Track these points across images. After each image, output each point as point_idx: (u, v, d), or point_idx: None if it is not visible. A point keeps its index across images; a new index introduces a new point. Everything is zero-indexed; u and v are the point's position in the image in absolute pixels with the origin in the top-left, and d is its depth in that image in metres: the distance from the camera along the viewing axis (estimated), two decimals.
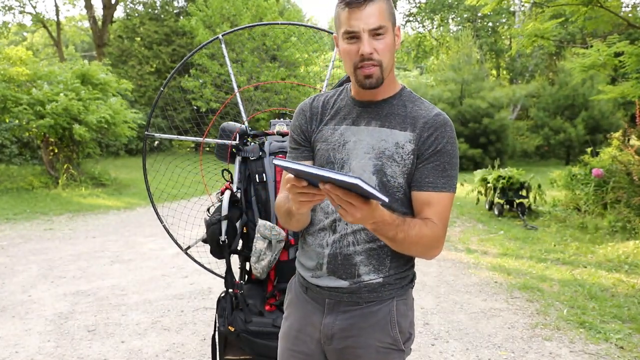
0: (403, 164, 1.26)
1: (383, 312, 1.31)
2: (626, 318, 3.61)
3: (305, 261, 1.37)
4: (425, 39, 27.83)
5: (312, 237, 1.35)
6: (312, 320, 1.36)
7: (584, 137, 17.85)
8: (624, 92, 6.50)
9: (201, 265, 2.54)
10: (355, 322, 1.31)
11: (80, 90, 10.62)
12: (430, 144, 1.26)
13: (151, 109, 2.55)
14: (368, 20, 1.19)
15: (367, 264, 1.29)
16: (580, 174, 7.73)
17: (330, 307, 1.33)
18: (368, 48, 1.20)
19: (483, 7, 6.36)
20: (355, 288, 1.29)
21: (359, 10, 1.18)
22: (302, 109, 1.41)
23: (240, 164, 2.23)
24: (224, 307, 1.98)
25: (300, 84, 8.05)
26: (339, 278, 1.30)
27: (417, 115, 1.29)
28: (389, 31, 1.23)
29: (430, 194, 1.25)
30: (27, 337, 3.37)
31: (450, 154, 1.27)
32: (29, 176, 11.29)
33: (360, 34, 1.20)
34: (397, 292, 1.33)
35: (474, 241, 6.43)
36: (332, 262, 1.31)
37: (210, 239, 2.04)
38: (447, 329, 3.50)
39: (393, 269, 1.31)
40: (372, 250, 1.29)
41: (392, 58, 1.26)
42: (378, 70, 1.23)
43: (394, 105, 1.31)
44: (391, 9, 1.25)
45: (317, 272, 1.33)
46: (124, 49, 22.86)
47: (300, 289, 1.41)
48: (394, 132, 1.27)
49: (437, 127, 1.27)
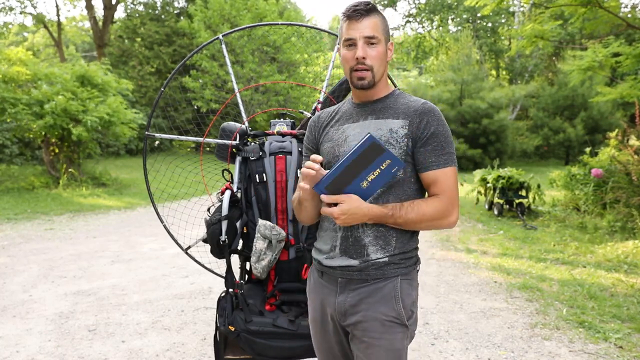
0: (399, 147, 1.45)
1: (388, 288, 1.47)
2: (625, 318, 3.62)
3: (322, 246, 1.57)
4: (424, 39, 27.84)
5: (328, 222, 1.55)
6: (329, 302, 1.55)
7: (583, 137, 17.86)
8: (622, 94, 6.52)
9: (201, 265, 2.55)
10: (363, 298, 1.48)
11: (79, 92, 10.63)
12: (423, 128, 1.45)
13: (152, 109, 2.56)
14: (364, 30, 1.43)
15: (375, 244, 1.47)
16: (579, 174, 7.74)
17: (342, 286, 1.51)
18: (361, 52, 1.44)
19: (482, 8, 6.38)
20: (364, 266, 1.47)
21: (356, 21, 1.44)
22: (312, 121, 1.67)
23: (241, 164, 2.23)
24: (224, 306, 1.99)
25: (300, 84, 8.06)
26: (350, 257, 1.49)
27: (407, 106, 1.50)
28: (381, 42, 1.46)
29: (436, 172, 1.45)
30: (28, 336, 3.38)
31: (444, 134, 1.46)
32: (30, 176, 11.31)
33: (356, 41, 1.44)
34: (402, 271, 1.49)
35: (473, 241, 6.44)
36: (344, 243, 1.50)
37: (210, 238, 2.04)
38: (447, 329, 3.51)
39: (398, 248, 1.48)
40: (379, 232, 1.47)
41: (383, 66, 1.49)
42: (370, 74, 1.46)
43: (387, 102, 1.53)
44: (385, 27, 1.49)
45: (331, 254, 1.53)
46: (125, 49, 22.89)
47: (317, 275, 1.61)
48: (388, 121, 1.48)
49: (426, 113, 1.47)
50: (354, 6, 1.44)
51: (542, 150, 20.77)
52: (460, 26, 24.96)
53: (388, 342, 1.46)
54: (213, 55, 16.91)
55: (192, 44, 19.90)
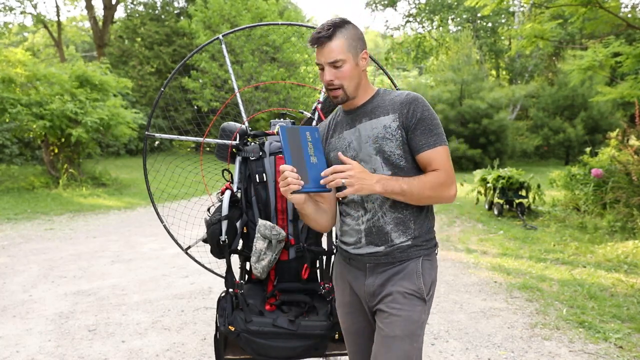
0: (395, 139, 1.57)
1: (411, 266, 1.60)
2: (625, 318, 3.62)
3: (347, 239, 1.68)
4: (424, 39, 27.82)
5: (350, 219, 1.67)
6: (358, 285, 1.68)
7: (583, 137, 17.85)
8: (623, 94, 6.52)
9: (201, 265, 2.55)
10: (389, 277, 1.62)
11: (78, 93, 10.62)
12: (411, 116, 1.56)
13: (152, 109, 2.56)
14: (328, 56, 1.55)
15: (397, 230, 1.60)
16: (579, 174, 7.74)
17: (370, 270, 1.64)
18: (328, 77, 1.57)
19: (483, 9, 6.38)
20: (389, 250, 1.60)
21: (321, 48, 1.56)
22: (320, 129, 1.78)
23: (241, 164, 2.23)
24: (224, 306, 1.99)
25: (300, 84, 8.06)
26: (376, 245, 1.61)
27: (394, 100, 1.61)
28: (348, 60, 1.56)
29: (428, 152, 1.55)
30: (28, 336, 3.38)
31: (430, 117, 1.57)
32: (30, 176, 11.31)
33: (324, 66, 1.57)
34: (424, 252, 1.62)
35: (473, 241, 6.44)
36: (369, 235, 1.62)
37: (210, 238, 2.04)
38: (447, 329, 3.51)
39: (417, 230, 1.61)
40: (398, 218, 1.60)
41: (355, 79, 1.59)
42: (341, 91, 1.59)
43: (375, 102, 1.64)
44: (352, 41, 1.57)
45: (357, 245, 1.65)
46: (125, 49, 22.87)
47: (343, 262, 1.73)
48: (380, 119, 1.60)
49: (411, 102, 1.58)
50: (317, 33, 1.55)
51: (542, 150, 20.76)
52: (461, 26, 24.95)
53: (407, 313, 1.57)
54: (213, 56, 16.90)
55: (192, 44, 19.90)
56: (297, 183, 1.46)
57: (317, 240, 2.19)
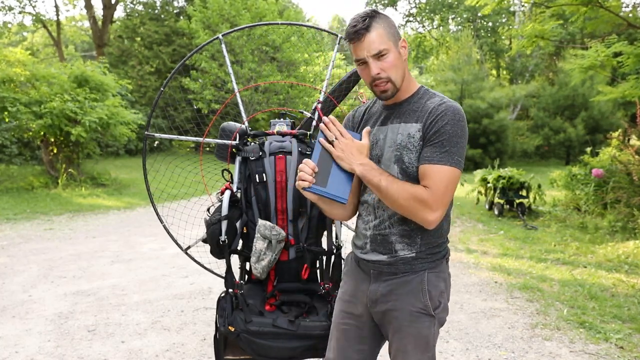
0: (415, 151, 1.48)
1: (415, 281, 1.54)
2: (626, 318, 3.62)
3: (357, 241, 1.68)
4: (425, 39, 27.84)
5: (361, 221, 1.66)
6: (362, 287, 1.64)
7: (584, 137, 17.85)
8: (624, 93, 6.51)
9: (201, 265, 2.54)
10: (393, 289, 1.56)
11: (77, 94, 10.62)
12: (431, 127, 1.45)
13: (151, 109, 2.55)
14: (370, 48, 1.44)
15: (401, 242, 1.54)
16: (580, 174, 7.74)
17: (375, 276, 1.60)
18: (374, 70, 1.46)
19: (483, 8, 6.37)
20: (392, 261, 1.55)
21: (360, 42, 1.44)
22: (347, 119, 1.75)
23: (240, 164, 2.22)
24: (224, 307, 1.98)
25: (300, 84, 8.05)
26: (380, 253, 1.57)
27: (427, 107, 1.50)
28: (391, 50, 1.46)
29: (425, 167, 1.44)
30: (27, 337, 3.37)
31: (450, 132, 1.43)
32: (29, 176, 11.30)
33: (367, 60, 1.46)
34: (429, 265, 1.55)
35: (474, 241, 6.43)
36: (373, 241, 1.59)
37: (210, 238, 2.03)
38: (447, 329, 3.50)
39: (424, 245, 1.54)
40: (405, 231, 1.53)
41: (401, 68, 1.49)
42: (389, 85, 1.49)
43: (412, 103, 1.55)
44: (390, 29, 1.47)
45: (363, 250, 1.63)
46: (124, 49, 22.87)
47: (354, 263, 1.71)
48: (407, 125, 1.51)
49: (439, 113, 1.45)
50: (353, 27, 1.44)
51: (542, 150, 20.76)
52: (461, 26, 24.96)
53: (416, 329, 1.54)
54: (212, 55, 16.89)
55: (191, 43, 19.87)
56: (308, 180, 1.43)
57: (317, 240, 2.18)
